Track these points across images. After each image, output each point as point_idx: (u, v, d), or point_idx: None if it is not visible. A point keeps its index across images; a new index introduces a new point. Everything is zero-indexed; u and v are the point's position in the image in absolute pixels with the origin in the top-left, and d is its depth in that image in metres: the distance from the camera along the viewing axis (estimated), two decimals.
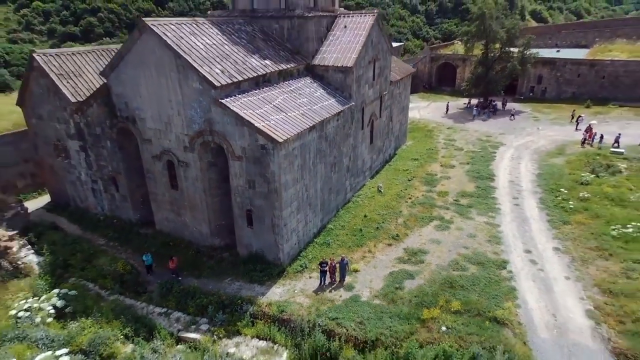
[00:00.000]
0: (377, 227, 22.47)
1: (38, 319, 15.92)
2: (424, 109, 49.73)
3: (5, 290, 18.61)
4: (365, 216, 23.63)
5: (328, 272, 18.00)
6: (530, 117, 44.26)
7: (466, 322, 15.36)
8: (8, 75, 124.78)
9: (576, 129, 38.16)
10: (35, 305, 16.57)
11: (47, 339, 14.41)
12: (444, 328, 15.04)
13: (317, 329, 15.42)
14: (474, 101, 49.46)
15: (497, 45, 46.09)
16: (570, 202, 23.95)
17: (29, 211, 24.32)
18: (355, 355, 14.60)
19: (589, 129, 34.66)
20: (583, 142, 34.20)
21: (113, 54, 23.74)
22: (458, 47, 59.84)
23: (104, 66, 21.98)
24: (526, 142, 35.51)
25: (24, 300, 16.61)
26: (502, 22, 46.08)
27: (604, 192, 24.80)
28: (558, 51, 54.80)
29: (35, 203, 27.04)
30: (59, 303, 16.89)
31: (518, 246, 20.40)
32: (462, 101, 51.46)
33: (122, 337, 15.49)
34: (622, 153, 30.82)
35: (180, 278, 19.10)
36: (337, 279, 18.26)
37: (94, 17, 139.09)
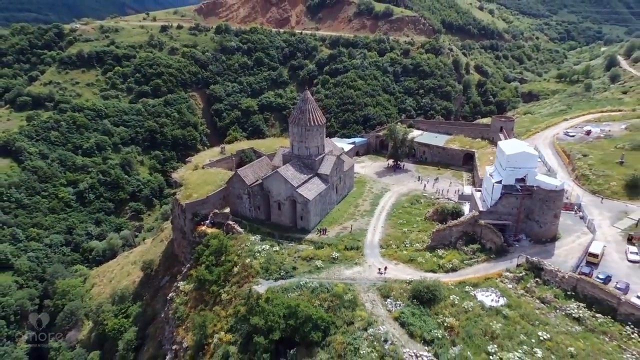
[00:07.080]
0: (336, 221, 77.75)
1: (257, 241, 71.18)
2: (368, 167, 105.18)
3: (241, 237, 73.68)
4: (333, 217, 78.93)
5: (322, 232, 73.35)
6: (413, 174, 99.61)
7: (352, 241, 70.61)
8: (109, 124, 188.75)
9: (422, 183, 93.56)
10: (253, 237, 71.80)
11: (260, 243, 70.16)
12: (346, 241, 70.51)
13: (319, 242, 70.82)
14: (391, 162, 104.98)
15: (400, 140, 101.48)
16: (394, 214, 79.36)
17: (229, 217, 79.42)
18: (327, 246, 69.99)
19: (424, 184, 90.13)
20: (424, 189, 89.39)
21: (255, 169, 79.04)
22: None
23: (252, 173, 77.68)
24: (399, 189, 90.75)
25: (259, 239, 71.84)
26: (404, 130, 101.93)
27: (407, 211, 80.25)
28: (437, 137, 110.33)
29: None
30: (254, 240, 72.05)
31: (372, 225, 75.63)
32: (386, 162, 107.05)
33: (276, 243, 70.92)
34: (427, 195, 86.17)
35: (326, 231, 73.91)
36: (323, 233, 73.47)
37: (160, 79, 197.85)
